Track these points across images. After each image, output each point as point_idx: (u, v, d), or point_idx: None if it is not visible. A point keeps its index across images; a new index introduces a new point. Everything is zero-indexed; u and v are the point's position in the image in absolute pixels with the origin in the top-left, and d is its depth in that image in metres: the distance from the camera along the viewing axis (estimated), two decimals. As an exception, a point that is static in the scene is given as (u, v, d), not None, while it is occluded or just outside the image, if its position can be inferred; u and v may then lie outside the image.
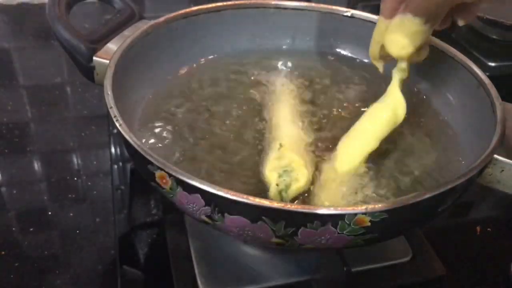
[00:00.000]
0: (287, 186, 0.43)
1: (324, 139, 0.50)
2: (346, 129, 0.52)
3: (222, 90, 0.57)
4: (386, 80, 0.60)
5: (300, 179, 0.44)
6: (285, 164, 0.45)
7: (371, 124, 0.48)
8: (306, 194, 0.44)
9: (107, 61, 0.48)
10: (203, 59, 0.61)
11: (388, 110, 0.48)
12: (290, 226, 0.36)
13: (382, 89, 0.58)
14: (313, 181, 0.45)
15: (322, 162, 0.47)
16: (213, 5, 0.59)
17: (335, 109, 0.55)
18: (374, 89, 0.58)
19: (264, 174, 0.45)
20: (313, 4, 0.62)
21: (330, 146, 0.49)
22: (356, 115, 0.54)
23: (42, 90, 0.78)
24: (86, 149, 0.67)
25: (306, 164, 0.46)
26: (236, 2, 0.60)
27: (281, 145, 0.47)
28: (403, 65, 0.48)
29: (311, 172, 0.45)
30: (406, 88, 0.58)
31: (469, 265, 0.54)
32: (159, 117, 0.51)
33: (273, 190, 0.43)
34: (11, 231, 0.55)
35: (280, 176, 0.44)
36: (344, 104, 0.56)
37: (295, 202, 0.43)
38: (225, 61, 0.61)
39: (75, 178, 0.62)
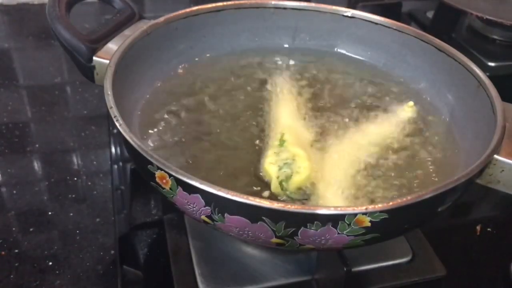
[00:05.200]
0: (288, 177, 0.43)
1: (325, 138, 0.50)
2: (345, 127, 0.52)
3: (222, 89, 0.57)
4: (385, 79, 0.60)
5: (301, 172, 0.44)
6: (286, 157, 0.45)
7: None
8: (306, 197, 0.44)
9: (107, 61, 0.48)
10: (203, 59, 0.61)
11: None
12: (290, 226, 0.36)
13: (382, 89, 0.59)
14: (314, 180, 0.45)
15: (323, 161, 0.47)
16: (213, 5, 0.59)
17: (335, 108, 0.55)
18: (374, 89, 0.59)
19: (263, 168, 0.45)
20: (313, 4, 0.62)
21: (331, 144, 0.49)
22: (355, 114, 0.54)
23: (42, 90, 0.78)
24: (86, 149, 0.67)
25: (309, 158, 0.46)
26: (236, 2, 0.60)
27: (283, 140, 0.47)
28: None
29: (313, 166, 0.45)
30: (407, 89, 0.59)
31: (469, 265, 0.54)
32: (159, 116, 0.51)
33: (274, 183, 0.43)
34: (11, 231, 0.55)
35: (280, 168, 0.44)
36: (344, 103, 0.56)
37: (297, 195, 0.43)
38: (225, 61, 0.61)
39: (75, 178, 0.62)
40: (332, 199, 0.43)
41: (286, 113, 0.53)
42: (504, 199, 0.62)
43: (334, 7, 0.61)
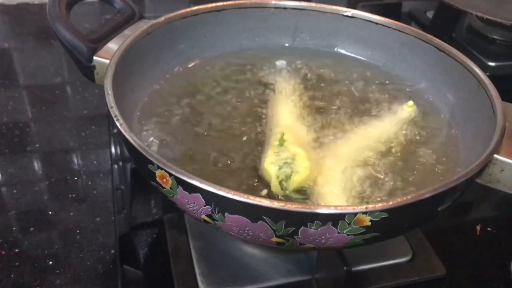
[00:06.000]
0: (288, 177, 0.43)
1: (325, 137, 0.50)
2: (345, 127, 0.52)
3: (222, 89, 0.57)
4: (385, 79, 0.60)
5: (301, 171, 0.44)
6: (286, 156, 0.45)
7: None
8: (306, 196, 0.44)
9: (108, 61, 0.48)
10: (203, 59, 0.61)
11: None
12: (291, 226, 0.36)
13: (382, 89, 0.59)
14: (314, 179, 0.45)
15: (323, 160, 0.47)
16: (213, 5, 0.59)
17: (335, 108, 0.55)
18: (374, 88, 0.59)
19: (263, 168, 0.45)
20: (313, 4, 0.62)
21: (331, 144, 0.49)
22: (355, 114, 0.54)
23: (42, 90, 0.78)
24: (86, 149, 0.67)
25: (309, 157, 0.46)
26: (236, 2, 0.60)
27: (283, 140, 0.47)
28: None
29: (313, 166, 0.45)
30: (407, 89, 0.59)
31: (469, 265, 0.54)
32: (159, 116, 0.51)
33: (274, 182, 0.43)
34: (11, 231, 0.55)
35: (280, 168, 0.44)
36: (344, 103, 0.56)
37: (297, 195, 0.44)
38: (225, 61, 0.61)
39: (75, 178, 0.62)
40: (332, 198, 0.43)
41: (286, 113, 0.53)
42: (504, 199, 0.62)
43: (334, 7, 0.62)
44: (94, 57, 0.50)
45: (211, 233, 0.51)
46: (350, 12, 0.61)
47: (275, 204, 0.35)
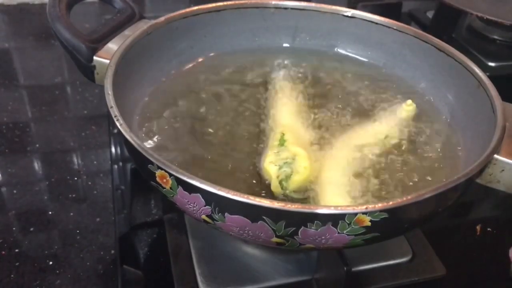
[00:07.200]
0: (288, 176, 0.43)
1: (325, 137, 0.50)
2: (345, 127, 0.52)
3: (222, 89, 0.57)
4: (385, 79, 0.60)
5: (301, 171, 0.44)
6: (286, 156, 0.45)
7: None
8: (306, 196, 0.44)
9: (108, 61, 0.48)
10: (203, 59, 0.61)
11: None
12: (291, 226, 0.36)
13: (382, 88, 0.59)
14: (314, 179, 0.45)
15: (323, 160, 0.47)
16: (213, 5, 0.59)
17: (335, 108, 0.55)
18: (374, 88, 0.59)
19: (263, 167, 0.45)
20: (313, 4, 0.62)
21: (331, 144, 0.49)
22: (355, 114, 0.54)
23: (42, 90, 0.78)
24: (86, 149, 0.67)
25: (309, 157, 0.46)
26: (236, 2, 0.60)
27: (284, 140, 0.47)
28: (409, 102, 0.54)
29: (313, 166, 0.45)
30: (407, 89, 0.59)
31: (469, 265, 0.54)
32: (159, 116, 0.51)
33: (274, 182, 0.43)
34: (11, 231, 0.55)
35: (280, 168, 0.44)
36: (344, 103, 0.56)
37: (297, 194, 0.44)
38: (225, 61, 0.61)
39: (75, 178, 0.62)
40: (332, 198, 0.43)
41: (286, 113, 0.53)
42: (504, 199, 0.62)
43: (334, 7, 0.62)
44: (94, 57, 0.50)
45: (211, 233, 0.51)
46: (350, 12, 0.61)
47: (275, 204, 0.35)
